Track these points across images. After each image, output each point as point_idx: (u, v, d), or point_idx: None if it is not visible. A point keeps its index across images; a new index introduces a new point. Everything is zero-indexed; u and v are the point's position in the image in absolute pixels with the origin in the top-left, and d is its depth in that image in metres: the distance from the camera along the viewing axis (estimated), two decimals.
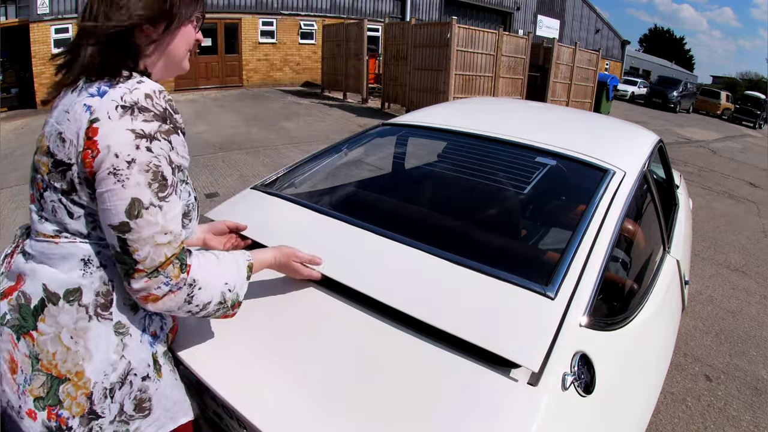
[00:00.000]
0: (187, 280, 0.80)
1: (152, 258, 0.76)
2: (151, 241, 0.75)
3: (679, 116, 18.23)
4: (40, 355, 0.79)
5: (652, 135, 2.10)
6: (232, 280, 0.89)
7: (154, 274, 0.76)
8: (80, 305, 0.80)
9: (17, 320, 0.80)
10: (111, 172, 0.73)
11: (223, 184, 4.86)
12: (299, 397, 0.91)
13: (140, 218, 0.74)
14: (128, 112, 0.75)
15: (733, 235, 4.84)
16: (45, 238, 0.82)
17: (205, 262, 0.85)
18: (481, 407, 0.85)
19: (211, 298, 0.85)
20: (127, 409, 0.84)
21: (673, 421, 2.09)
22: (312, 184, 1.90)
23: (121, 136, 0.74)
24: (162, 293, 0.78)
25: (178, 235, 0.79)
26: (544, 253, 1.58)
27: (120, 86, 0.77)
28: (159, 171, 0.76)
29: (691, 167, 8.32)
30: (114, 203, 0.74)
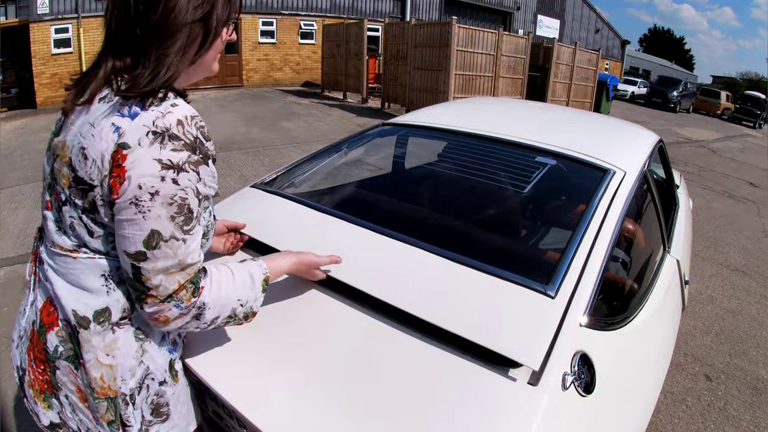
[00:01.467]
0: (197, 303, 0.78)
1: (165, 286, 0.74)
2: (164, 271, 0.74)
3: (679, 116, 18.23)
4: (92, 384, 0.79)
5: (652, 135, 2.10)
6: (245, 296, 0.86)
7: (167, 300, 0.75)
8: (110, 323, 0.79)
9: (72, 350, 0.79)
10: (133, 202, 0.71)
11: (223, 184, 4.86)
12: (299, 397, 0.91)
13: (158, 249, 0.72)
14: (158, 139, 0.71)
15: (733, 235, 4.84)
16: (63, 252, 0.79)
17: (217, 280, 0.82)
18: (481, 407, 0.85)
19: (219, 314, 0.83)
20: (146, 416, 0.84)
21: (673, 421, 2.09)
22: (312, 183, 1.90)
23: (147, 166, 0.70)
24: (173, 316, 0.77)
25: (195, 264, 0.77)
26: (545, 252, 1.58)
27: (153, 109, 0.72)
28: (185, 204, 0.74)
29: (691, 167, 8.32)
30: (132, 232, 0.72)
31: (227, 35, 0.85)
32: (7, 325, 2.41)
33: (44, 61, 10.35)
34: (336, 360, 0.98)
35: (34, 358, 0.82)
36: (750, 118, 19.79)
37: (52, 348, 0.80)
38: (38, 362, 0.82)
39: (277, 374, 0.97)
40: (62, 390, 0.81)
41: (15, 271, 3.04)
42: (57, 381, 0.81)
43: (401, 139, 2.36)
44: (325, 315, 1.11)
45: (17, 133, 7.56)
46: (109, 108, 0.73)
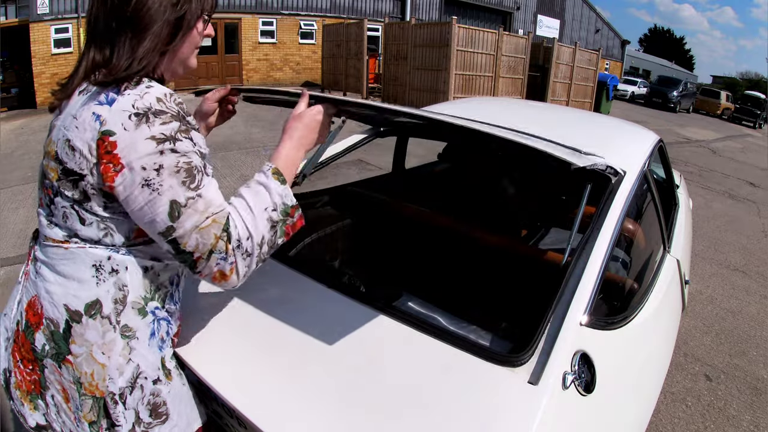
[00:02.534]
0: (236, 245, 0.77)
1: (203, 243, 0.75)
2: (195, 230, 0.74)
3: (679, 116, 18.23)
4: (81, 378, 0.79)
5: (652, 135, 2.10)
6: (269, 202, 0.82)
7: (210, 256, 0.75)
8: (102, 317, 0.79)
9: (54, 348, 0.79)
10: (144, 185, 0.72)
11: (223, 184, 4.86)
12: (299, 396, 0.91)
13: (181, 216, 0.73)
14: (143, 119, 0.72)
15: (733, 235, 4.84)
16: (54, 243, 0.81)
17: (239, 212, 0.79)
18: (481, 406, 0.85)
19: (262, 234, 0.80)
20: (143, 416, 0.83)
21: (673, 421, 2.09)
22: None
23: (143, 147, 0.72)
24: (228, 268, 0.77)
25: (219, 208, 0.76)
26: (545, 252, 1.58)
27: (129, 93, 0.74)
28: (190, 167, 0.75)
29: (691, 167, 8.32)
30: (156, 212, 0.73)
31: (203, 29, 0.86)
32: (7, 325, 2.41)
33: (44, 61, 10.35)
34: (336, 359, 0.98)
35: (21, 359, 0.82)
36: (750, 118, 19.78)
37: (40, 346, 0.80)
38: (26, 362, 0.82)
39: (278, 373, 0.97)
40: (49, 389, 0.82)
41: (15, 271, 3.04)
42: (46, 380, 0.81)
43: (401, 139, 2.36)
44: (325, 313, 1.11)
45: (17, 133, 7.56)
46: (87, 98, 0.76)
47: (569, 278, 1.08)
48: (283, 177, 0.85)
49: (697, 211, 4.24)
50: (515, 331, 1.27)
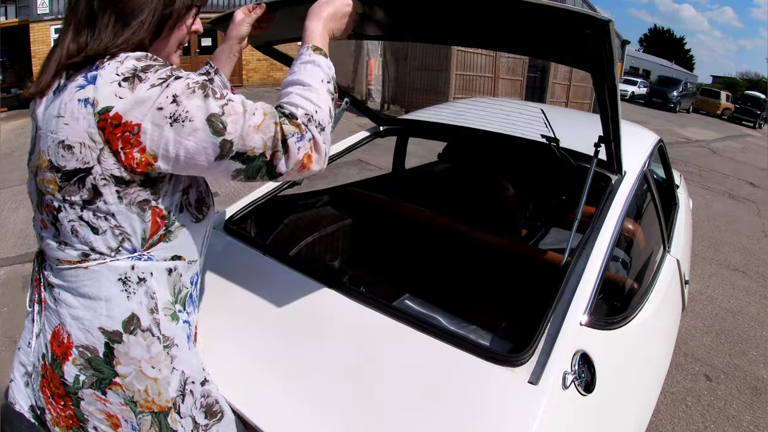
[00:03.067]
0: (300, 115, 0.72)
1: (269, 137, 0.69)
2: (250, 129, 0.68)
3: (679, 116, 18.22)
4: (134, 397, 0.75)
5: (652, 135, 2.10)
6: (323, 74, 0.79)
7: (284, 145, 0.70)
8: (143, 330, 0.75)
9: (94, 376, 0.74)
10: (172, 122, 0.66)
11: (223, 184, 4.86)
12: (299, 395, 0.91)
13: (227, 124, 0.67)
14: (135, 80, 0.67)
15: (734, 235, 4.84)
16: (70, 265, 0.74)
17: (299, 92, 0.76)
18: (481, 406, 0.85)
19: (329, 106, 0.77)
20: (200, 420, 0.81)
21: (673, 421, 2.09)
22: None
23: (149, 95, 0.66)
24: (308, 147, 0.72)
25: (261, 104, 0.72)
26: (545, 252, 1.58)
27: (107, 64, 0.69)
28: (203, 84, 0.69)
29: (691, 167, 8.31)
30: (200, 139, 0.67)
31: (191, 25, 0.82)
32: (6, 325, 2.41)
33: None
34: (336, 358, 0.98)
35: (51, 395, 0.76)
36: (750, 118, 19.77)
37: (71, 379, 0.74)
38: (57, 398, 0.76)
39: (278, 373, 0.97)
40: (90, 421, 0.76)
41: (15, 271, 3.04)
42: (82, 413, 0.75)
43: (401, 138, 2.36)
44: (324, 313, 1.11)
45: (17, 133, 7.56)
46: (65, 93, 0.70)
47: (569, 278, 1.08)
48: (323, 51, 0.82)
49: (697, 211, 4.24)
50: (515, 331, 1.27)
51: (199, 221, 0.82)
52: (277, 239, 1.67)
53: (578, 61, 1.03)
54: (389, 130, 2.00)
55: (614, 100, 1.07)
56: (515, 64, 10.40)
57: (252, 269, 1.26)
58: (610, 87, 1.03)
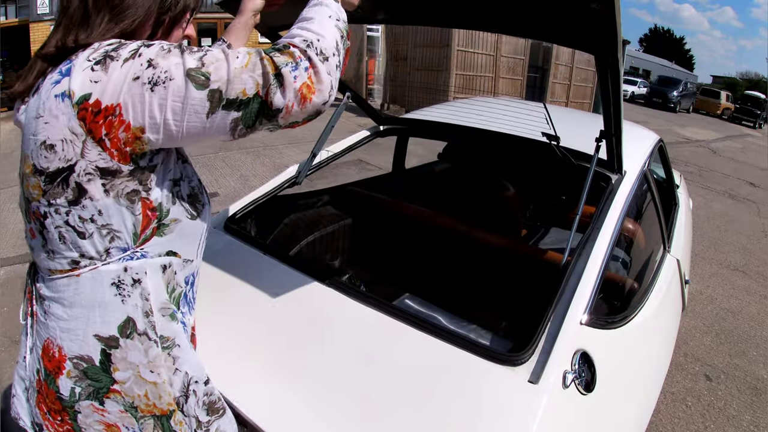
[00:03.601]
0: (297, 43, 0.67)
1: (260, 73, 0.64)
2: (237, 71, 0.64)
3: (679, 116, 18.22)
4: (135, 402, 0.73)
5: (653, 135, 2.10)
6: (330, 11, 0.74)
7: (277, 77, 0.64)
8: (139, 334, 0.73)
9: (91, 386, 0.72)
10: (152, 87, 0.62)
11: (224, 184, 4.86)
12: (299, 394, 0.91)
13: (211, 75, 0.63)
14: (107, 59, 0.64)
15: (734, 235, 4.84)
16: (61, 275, 0.72)
17: (298, 24, 0.72)
18: (482, 405, 0.85)
19: (335, 38, 0.71)
20: (202, 418, 0.81)
21: (673, 421, 2.09)
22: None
23: (123, 71, 0.63)
24: (305, 77, 0.66)
25: (246, 48, 0.69)
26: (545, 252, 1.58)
27: (81, 53, 0.67)
28: (175, 46, 0.66)
29: (691, 167, 8.32)
30: (187, 96, 0.63)
31: (185, 28, 0.81)
32: (6, 325, 2.41)
33: None
34: (336, 357, 0.99)
35: (48, 410, 0.75)
36: (750, 118, 19.77)
37: (67, 393, 0.72)
38: (54, 413, 0.74)
39: (277, 371, 0.97)
40: None
41: (15, 271, 3.04)
42: (80, 426, 0.74)
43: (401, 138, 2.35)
44: (324, 312, 1.11)
45: (17, 133, 7.54)
46: (43, 90, 0.68)
47: (569, 277, 1.08)
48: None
49: (697, 211, 4.24)
50: (515, 330, 1.27)
51: (194, 218, 0.80)
52: (278, 239, 1.67)
53: (582, 42, 1.01)
54: (389, 130, 2.00)
55: (617, 87, 1.04)
56: (515, 63, 10.40)
57: (252, 268, 1.26)
58: (613, 71, 1.00)
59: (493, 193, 1.78)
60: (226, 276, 1.23)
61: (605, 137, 1.29)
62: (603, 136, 1.30)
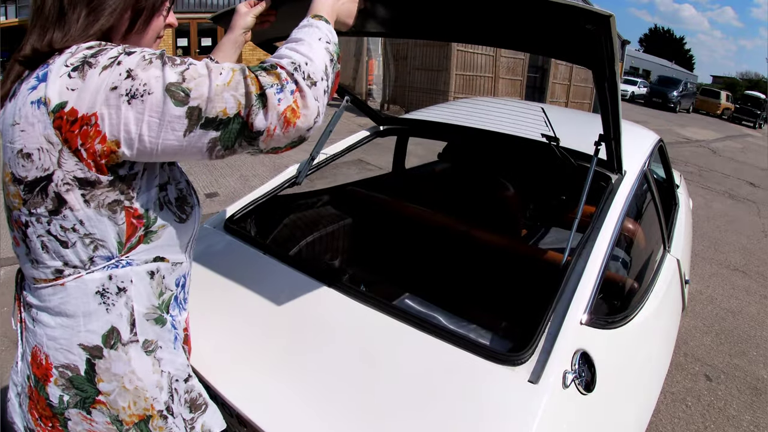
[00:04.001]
0: (285, 65, 0.65)
1: (241, 93, 0.61)
2: (219, 89, 0.61)
3: (679, 116, 18.23)
4: (119, 415, 0.72)
5: (653, 134, 2.10)
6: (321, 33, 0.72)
7: (260, 98, 0.61)
8: (123, 345, 0.72)
9: (77, 395, 0.71)
10: (130, 99, 0.59)
11: (223, 184, 4.86)
12: (299, 395, 0.91)
13: (191, 91, 0.60)
14: (85, 66, 0.61)
15: (734, 235, 4.84)
16: (46, 284, 0.70)
17: (286, 46, 0.70)
18: (481, 405, 0.85)
19: (324, 62, 0.69)
20: (186, 416, 0.81)
21: (673, 421, 2.09)
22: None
23: (101, 79, 0.60)
24: (291, 100, 0.63)
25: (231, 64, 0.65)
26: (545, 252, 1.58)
27: (57, 58, 0.64)
28: (159, 54, 0.63)
29: (691, 167, 8.32)
30: (164, 111, 0.60)
31: (166, 16, 0.78)
32: (6, 325, 2.41)
33: None
34: (336, 357, 0.98)
35: (39, 416, 0.74)
36: (750, 118, 19.77)
37: (56, 400, 0.71)
38: (45, 419, 0.74)
39: (277, 371, 0.97)
40: None
41: (14, 270, 3.04)
42: None
43: (401, 138, 2.35)
44: (325, 312, 1.11)
45: None
46: (20, 96, 0.65)
47: (569, 277, 1.08)
48: (325, 18, 0.76)
49: (697, 211, 4.24)
50: (515, 330, 1.27)
51: (183, 221, 0.78)
52: (278, 238, 1.67)
53: (579, 58, 1.03)
54: (389, 130, 2.00)
55: (615, 97, 1.07)
56: (515, 63, 10.40)
57: (252, 268, 1.26)
58: (610, 84, 1.02)
59: (493, 193, 1.78)
60: (226, 276, 1.23)
61: (604, 141, 1.30)
62: (602, 139, 1.30)
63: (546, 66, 11.71)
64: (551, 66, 11.63)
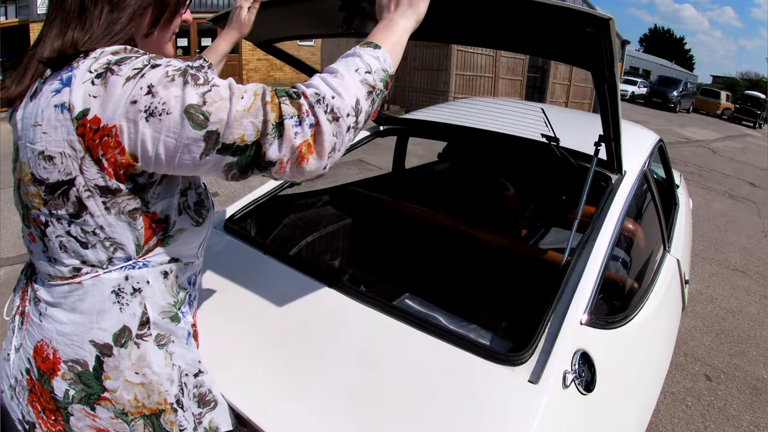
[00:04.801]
0: (309, 95, 0.62)
1: (259, 120, 0.59)
2: (239, 114, 0.59)
3: (679, 116, 18.23)
4: (126, 408, 0.72)
5: (653, 134, 2.10)
6: (359, 63, 0.68)
7: (278, 129, 0.60)
8: (133, 342, 0.72)
9: (83, 390, 0.71)
10: (148, 116, 0.58)
11: (224, 184, 4.86)
12: (299, 395, 0.91)
13: (209, 114, 0.58)
14: (108, 73, 0.60)
15: (733, 235, 4.84)
16: (64, 281, 0.70)
17: (317, 77, 0.66)
18: (481, 405, 0.85)
19: (356, 96, 0.65)
20: (194, 410, 0.81)
21: (673, 421, 2.09)
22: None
23: (123, 91, 0.59)
24: (308, 135, 0.61)
25: (252, 85, 0.63)
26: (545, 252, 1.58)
27: (82, 62, 0.63)
28: (181, 70, 0.61)
29: (691, 167, 8.32)
30: (181, 134, 0.59)
31: (183, 12, 0.78)
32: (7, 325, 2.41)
33: None
34: (336, 357, 0.98)
35: (42, 409, 0.73)
36: (750, 118, 19.78)
37: (61, 394, 0.71)
38: (48, 413, 0.73)
39: (277, 372, 0.97)
40: None
41: (15, 270, 3.04)
42: (72, 429, 0.73)
43: (401, 138, 2.35)
44: (325, 312, 1.11)
45: None
46: (41, 97, 0.64)
47: (569, 277, 1.08)
48: (375, 44, 0.72)
49: (697, 211, 4.25)
50: (515, 330, 1.27)
51: (199, 224, 0.78)
52: (277, 238, 1.67)
53: (579, 60, 1.04)
54: (389, 130, 2.00)
55: (614, 99, 1.07)
56: (515, 64, 10.41)
57: (252, 268, 1.26)
58: (610, 86, 1.03)
59: (493, 193, 1.78)
60: (226, 276, 1.23)
61: (604, 141, 1.30)
62: (602, 140, 1.31)
63: (546, 66, 11.71)
64: (551, 66, 11.64)
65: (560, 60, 1.14)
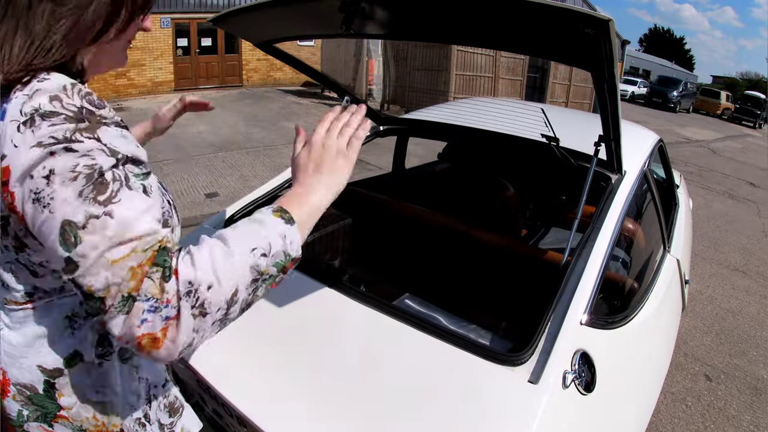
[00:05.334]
0: (180, 287, 0.53)
1: (115, 283, 0.52)
2: (104, 263, 0.52)
3: (679, 116, 18.23)
4: (84, 425, 0.70)
5: (653, 134, 2.10)
6: (262, 243, 0.59)
7: (127, 304, 0.52)
8: (85, 362, 0.70)
9: (37, 410, 0.69)
10: (34, 200, 0.53)
11: (223, 184, 4.86)
12: (299, 395, 0.91)
13: (80, 242, 0.52)
14: (30, 123, 0.53)
15: (733, 235, 4.84)
16: (18, 306, 0.67)
17: (204, 246, 0.57)
18: (481, 405, 0.85)
19: (236, 285, 0.56)
20: (165, 421, 0.80)
21: (673, 421, 2.09)
22: None
23: (27, 155, 0.52)
24: (157, 328, 0.52)
25: (146, 233, 0.54)
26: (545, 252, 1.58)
27: (17, 95, 0.54)
28: (93, 171, 0.53)
29: (691, 167, 8.32)
30: (49, 239, 0.53)
31: (142, 22, 0.68)
32: None
33: None
34: (336, 357, 0.98)
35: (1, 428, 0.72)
36: (750, 118, 19.78)
37: (15, 414, 0.69)
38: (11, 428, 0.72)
39: (277, 372, 0.97)
40: None
41: None
42: None
43: (401, 138, 2.35)
44: (325, 312, 1.11)
45: None
46: None
47: (569, 277, 1.08)
48: (289, 215, 0.64)
49: (697, 211, 4.24)
50: (515, 330, 1.27)
51: None
52: None
53: (579, 61, 1.04)
54: (389, 130, 2.00)
55: (614, 99, 1.07)
56: (515, 64, 10.41)
57: None
58: (610, 86, 1.03)
59: (493, 193, 1.77)
60: None
61: (604, 141, 1.30)
62: (602, 140, 1.31)
63: (546, 66, 11.71)
64: (551, 66, 11.64)
65: (560, 61, 1.14)
